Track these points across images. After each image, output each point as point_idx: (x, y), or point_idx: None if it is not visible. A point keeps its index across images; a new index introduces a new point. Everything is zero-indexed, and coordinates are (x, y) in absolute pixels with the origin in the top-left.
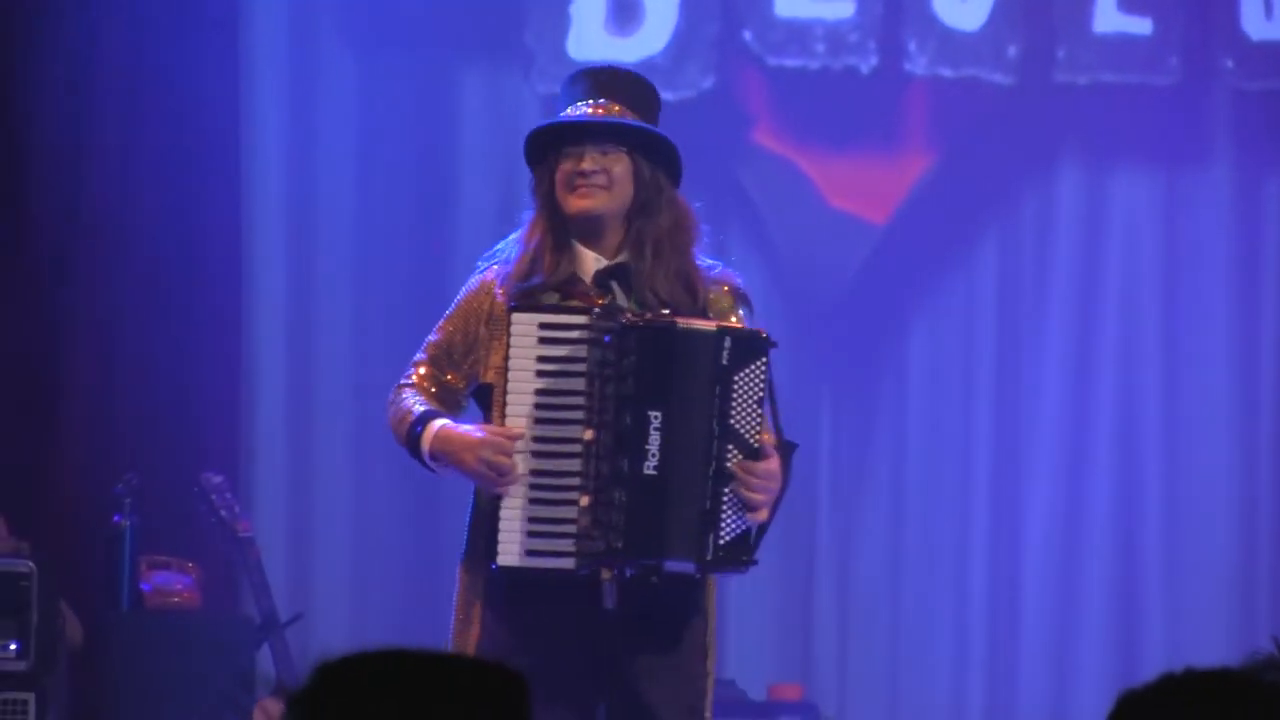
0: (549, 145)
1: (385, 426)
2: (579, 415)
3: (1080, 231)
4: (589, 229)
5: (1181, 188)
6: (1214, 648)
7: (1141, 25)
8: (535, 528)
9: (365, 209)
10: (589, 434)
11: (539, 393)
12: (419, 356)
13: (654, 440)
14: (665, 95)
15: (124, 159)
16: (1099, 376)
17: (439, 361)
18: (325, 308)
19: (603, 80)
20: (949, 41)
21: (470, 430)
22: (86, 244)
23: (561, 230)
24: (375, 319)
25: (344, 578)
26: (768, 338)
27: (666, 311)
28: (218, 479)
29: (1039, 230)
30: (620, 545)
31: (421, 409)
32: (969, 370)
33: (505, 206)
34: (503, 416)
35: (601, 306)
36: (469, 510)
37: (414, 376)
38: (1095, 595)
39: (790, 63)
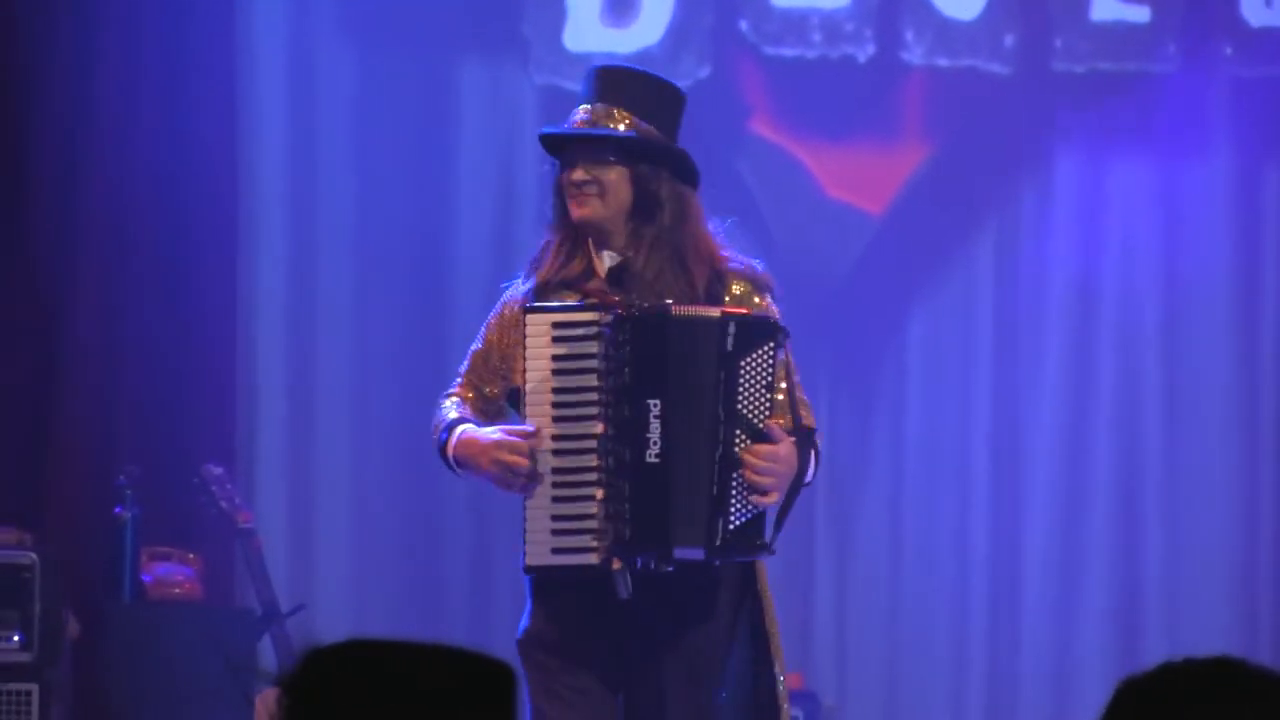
0: (551, 153)
1: (385, 419)
2: (593, 411)
3: (1078, 221)
4: (594, 233)
5: (1180, 176)
6: (1214, 636)
7: (1139, 13)
8: (559, 525)
9: (364, 201)
10: (599, 428)
11: (555, 391)
12: (461, 367)
13: (654, 429)
14: None
15: (122, 154)
16: (1097, 366)
17: (478, 372)
18: (324, 299)
19: (608, 81)
20: (946, 31)
21: (488, 433)
22: (85, 238)
23: (577, 231)
24: (374, 310)
25: (344, 569)
26: (778, 324)
27: (669, 302)
28: (218, 470)
29: (1036, 220)
30: (628, 535)
31: (452, 416)
32: (967, 360)
33: (503, 197)
34: (525, 417)
35: (606, 303)
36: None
37: (455, 387)
38: (1095, 585)
39: (787, 52)
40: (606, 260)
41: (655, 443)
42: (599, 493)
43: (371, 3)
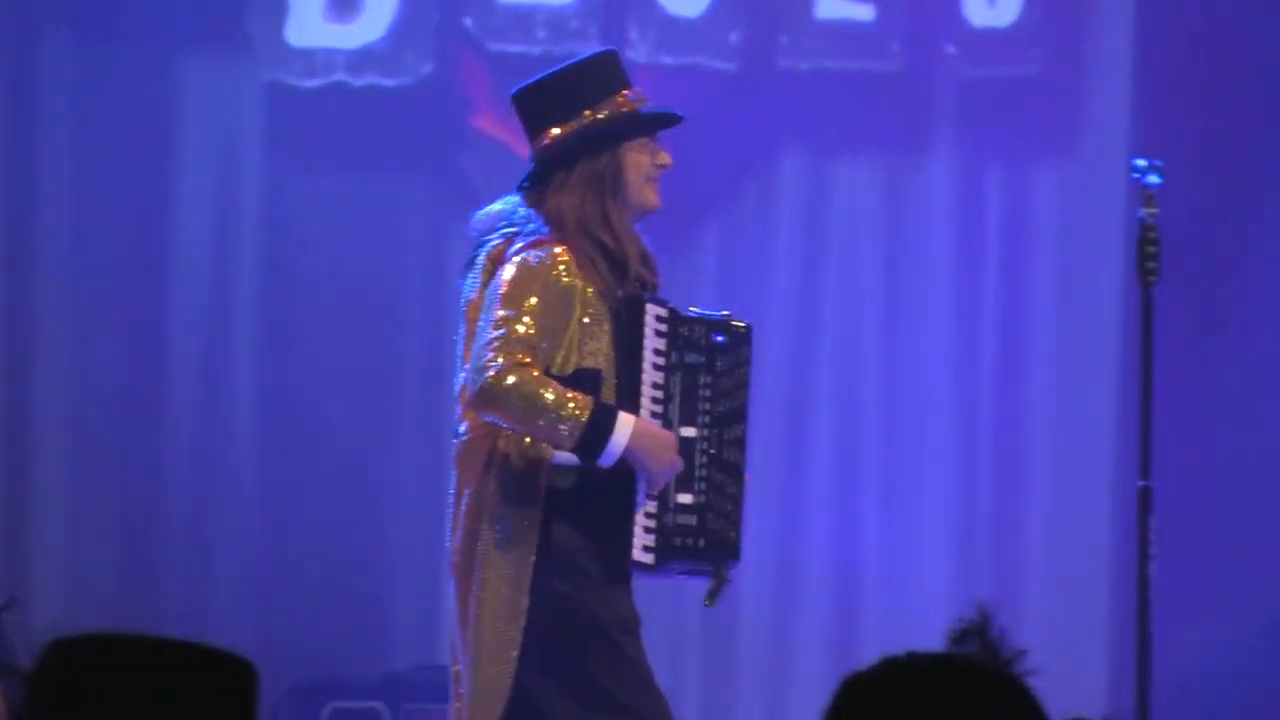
0: (628, 132)
1: (102, 414)
2: (663, 409)
3: (802, 218)
4: (635, 221)
5: (904, 174)
6: (933, 632)
7: (864, 11)
8: (649, 524)
9: (82, 196)
10: (690, 431)
11: (653, 385)
12: (522, 344)
13: (748, 444)
14: (385, 82)
15: None
16: (819, 364)
17: (549, 346)
18: (40, 293)
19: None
20: (671, 28)
21: (660, 429)
22: None
23: (632, 216)
24: (93, 301)
25: (57, 563)
26: None
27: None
28: None
29: (761, 218)
30: (738, 543)
31: (586, 398)
32: None
33: (226, 193)
34: (635, 407)
35: (658, 298)
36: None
37: (527, 361)
38: (813, 583)
39: (511, 49)
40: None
41: (744, 457)
42: (683, 496)
43: None
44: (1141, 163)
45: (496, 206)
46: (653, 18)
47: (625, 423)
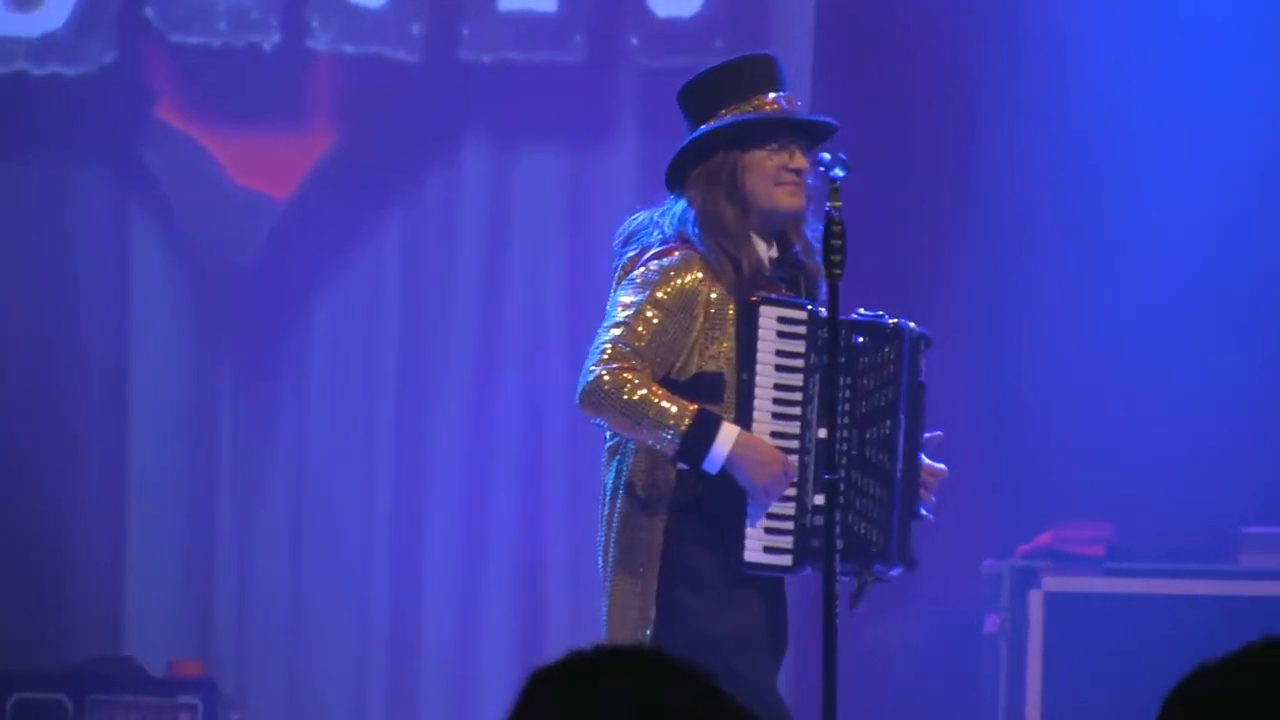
0: (749, 134)
1: None
2: (799, 411)
3: (484, 210)
4: (775, 224)
5: (587, 164)
6: None
7: (546, 3)
8: (772, 524)
9: None
10: (823, 432)
11: (776, 387)
12: (631, 349)
13: (900, 444)
14: (67, 71)
15: None
16: (503, 355)
17: (656, 351)
18: None
19: (782, 73)
20: (353, 19)
21: (768, 443)
22: None
23: (759, 220)
24: None
25: None
26: None
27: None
28: None
29: (443, 208)
30: (891, 547)
31: (695, 406)
32: (372, 349)
33: None
34: (748, 409)
35: (790, 300)
36: (664, 503)
37: (631, 365)
38: (499, 580)
39: (193, 39)
40: (764, 251)
41: (900, 458)
42: (817, 497)
43: None
44: (826, 156)
45: (639, 218)
46: (334, 7)
47: (729, 432)
